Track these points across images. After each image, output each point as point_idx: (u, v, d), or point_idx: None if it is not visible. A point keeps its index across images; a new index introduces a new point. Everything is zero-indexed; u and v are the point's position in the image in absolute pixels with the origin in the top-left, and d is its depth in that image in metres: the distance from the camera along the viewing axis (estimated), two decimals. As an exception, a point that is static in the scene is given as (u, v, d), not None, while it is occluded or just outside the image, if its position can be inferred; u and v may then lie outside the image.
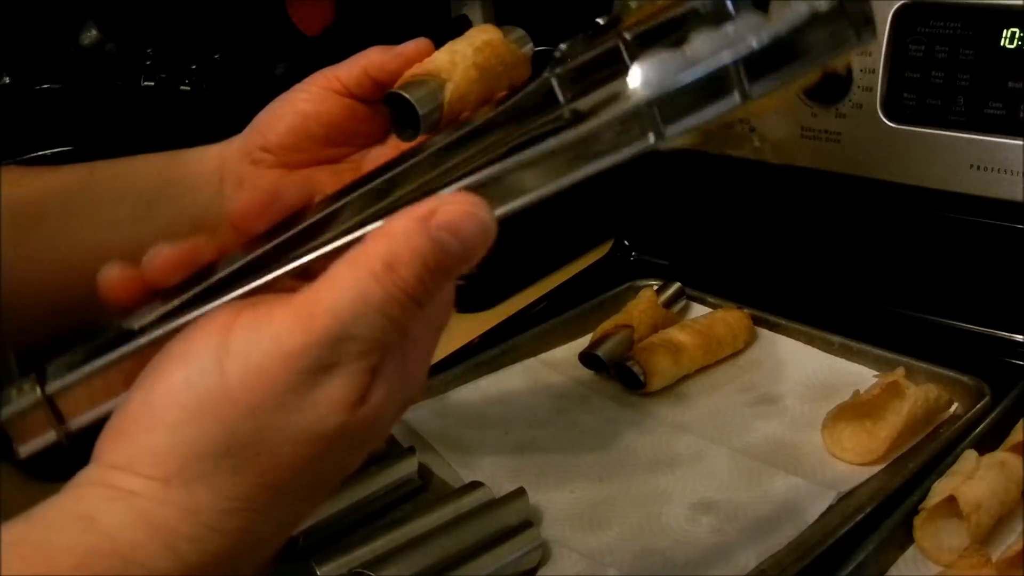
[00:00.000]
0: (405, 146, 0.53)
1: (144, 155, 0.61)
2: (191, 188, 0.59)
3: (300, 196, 0.51)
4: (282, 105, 0.59)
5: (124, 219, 0.58)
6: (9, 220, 0.56)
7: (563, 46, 0.42)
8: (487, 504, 0.62)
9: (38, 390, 0.44)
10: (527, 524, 0.61)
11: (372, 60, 0.57)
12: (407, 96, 0.53)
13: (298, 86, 0.59)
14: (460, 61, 0.55)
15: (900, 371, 0.70)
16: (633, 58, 0.40)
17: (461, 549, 0.58)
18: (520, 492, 0.63)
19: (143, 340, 0.42)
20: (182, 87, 0.88)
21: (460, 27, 1.07)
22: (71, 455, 0.69)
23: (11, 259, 0.56)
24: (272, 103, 0.59)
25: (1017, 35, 0.73)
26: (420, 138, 0.54)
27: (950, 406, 0.71)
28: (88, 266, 0.56)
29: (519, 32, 0.59)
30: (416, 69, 0.55)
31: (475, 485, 0.64)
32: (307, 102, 0.58)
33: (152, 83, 0.88)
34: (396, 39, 0.59)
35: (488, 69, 0.56)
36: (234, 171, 0.59)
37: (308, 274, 0.40)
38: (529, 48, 0.59)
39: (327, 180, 0.58)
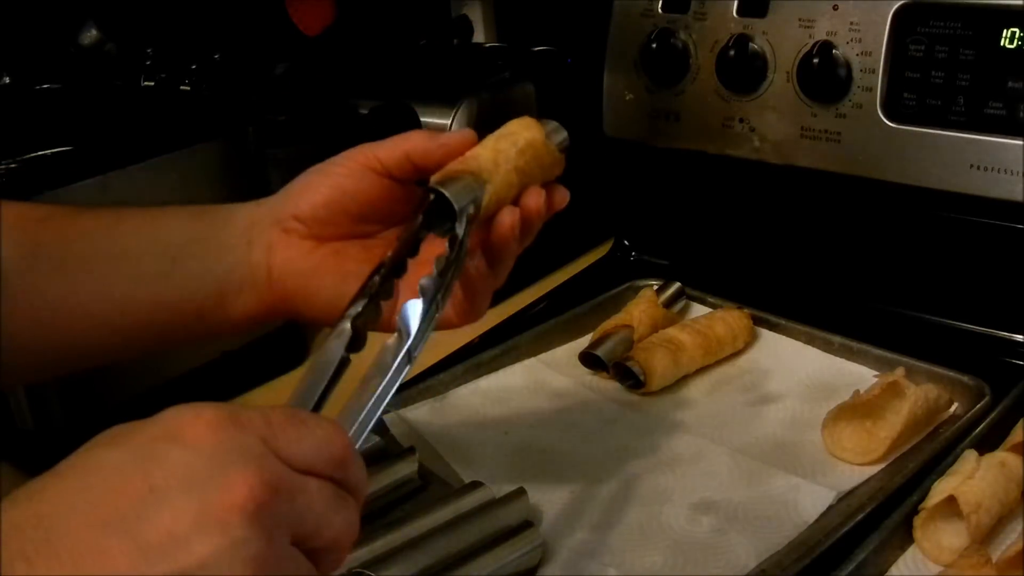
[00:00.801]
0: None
1: (172, 208, 0.61)
2: (218, 248, 0.58)
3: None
4: (318, 177, 0.59)
5: (147, 273, 0.58)
6: (29, 262, 0.56)
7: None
8: (487, 504, 0.62)
9: None
10: (527, 524, 0.61)
11: (415, 145, 0.57)
12: (447, 195, 0.53)
13: (336, 159, 0.59)
14: (503, 163, 0.55)
15: (900, 371, 0.70)
16: None
17: (461, 549, 0.58)
18: (520, 492, 0.63)
19: None
20: (182, 87, 0.88)
21: (460, 27, 1.07)
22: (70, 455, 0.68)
23: (27, 301, 0.56)
24: (308, 172, 0.59)
25: (1017, 35, 0.73)
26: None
27: (950, 406, 0.71)
28: (106, 316, 0.57)
29: (560, 132, 0.59)
30: (458, 164, 0.55)
31: (475, 485, 0.64)
32: (345, 177, 0.58)
33: (152, 83, 0.88)
34: (396, 39, 0.58)
35: (527, 173, 0.57)
36: (264, 236, 0.58)
37: None
38: (565, 145, 0.59)
39: (357, 254, 0.58)
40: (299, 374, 0.48)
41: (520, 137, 0.57)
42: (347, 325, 0.48)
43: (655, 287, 0.86)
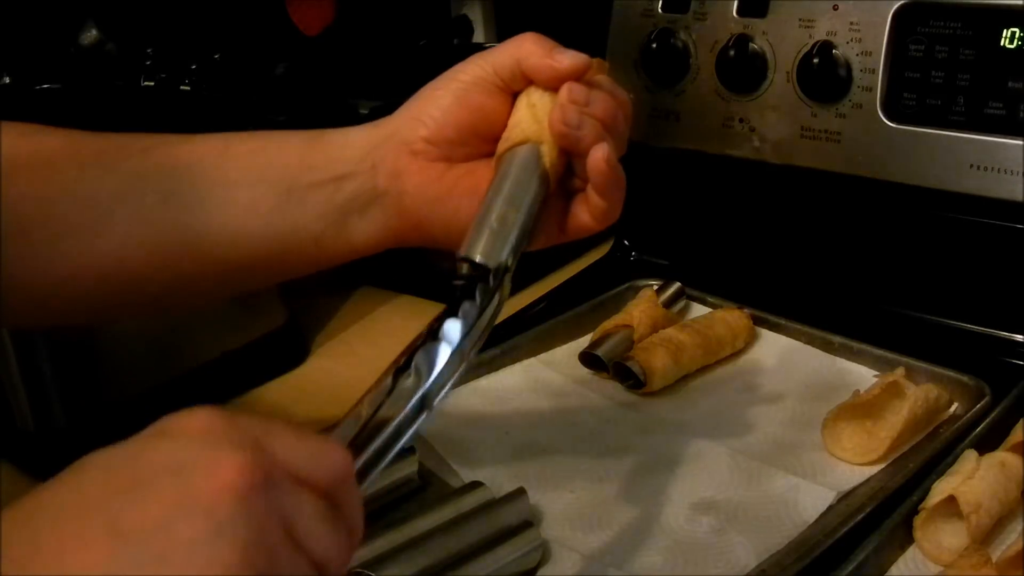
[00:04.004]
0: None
1: (281, 132, 0.58)
2: (337, 176, 0.56)
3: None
4: (442, 94, 0.57)
5: (261, 204, 0.55)
6: (136, 196, 0.54)
7: None
8: (487, 504, 0.62)
9: None
10: (527, 524, 0.61)
11: (529, 58, 0.55)
12: (479, 261, 0.52)
13: (452, 75, 0.57)
14: (544, 117, 0.55)
15: (900, 371, 0.70)
16: None
17: (461, 549, 0.58)
18: (520, 492, 0.63)
19: None
20: (182, 87, 0.88)
21: (460, 27, 1.07)
22: (71, 455, 0.69)
23: (133, 234, 0.53)
24: (428, 90, 0.57)
25: (1017, 35, 0.73)
26: None
27: (950, 406, 0.71)
28: (217, 250, 0.55)
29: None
30: (503, 145, 0.55)
31: (475, 485, 0.64)
32: (468, 93, 0.56)
33: (152, 83, 0.88)
34: (396, 39, 0.59)
35: None
36: (388, 160, 0.56)
37: None
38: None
39: (488, 174, 0.56)
40: (299, 374, 0.48)
41: (540, 90, 0.56)
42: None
43: (655, 287, 0.86)
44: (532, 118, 0.55)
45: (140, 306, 0.62)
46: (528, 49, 0.56)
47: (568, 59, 0.55)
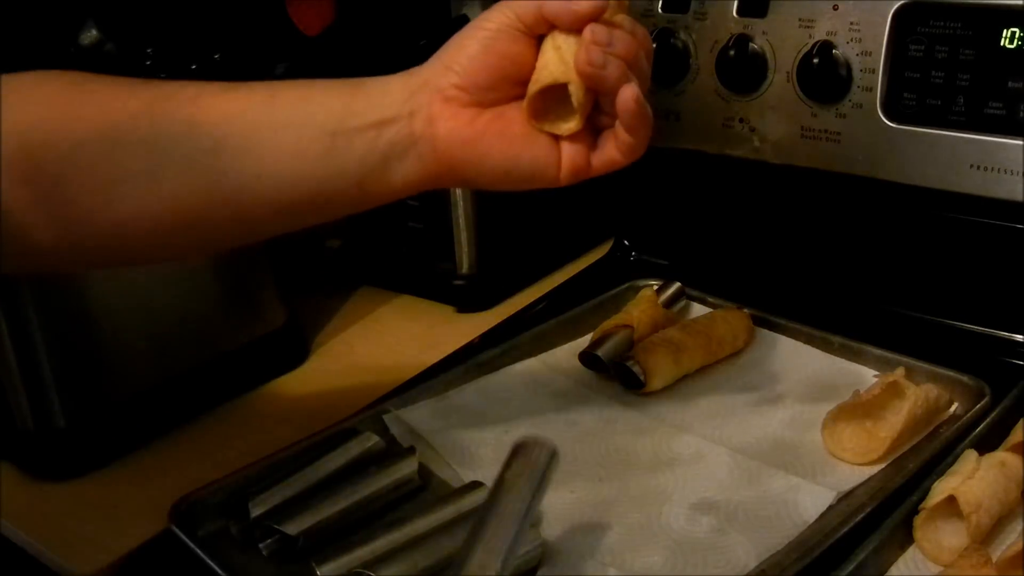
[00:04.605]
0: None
1: (323, 81, 0.61)
2: (378, 122, 0.58)
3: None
4: (470, 42, 0.59)
5: (308, 149, 0.58)
6: (189, 143, 0.56)
7: None
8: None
9: None
10: (527, 524, 0.61)
11: (549, 2, 0.57)
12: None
13: (480, 22, 0.59)
14: (570, 58, 0.57)
15: (900, 371, 0.70)
16: None
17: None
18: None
19: None
20: (182, 87, 0.88)
21: (460, 27, 1.07)
22: (71, 455, 0.69)
23: (185, 180, 0.56)
24: (458, 40, 0.60)
25: (1017, 35, 0.73)
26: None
27: (950, 406, 0.71)
28: (266, 195, 0.58)
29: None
30: (542, 75, 0.58)
31: (475, 485, 0.64)
32: (495, 39, 0.58)
33: (152, 83, 0.88)
34: (396, 39, 0.59)
35: None
36: (425, 106, 0.59)
37: None
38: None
39: (518, 116, 0.59)
40: (299, 374, 0.48)
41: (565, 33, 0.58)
42: None
43: (655, 287, 0.86)
44: (559, 60, 0.57)
45: (193, 248, 0.66)
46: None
47: (587, 1, 0.57)
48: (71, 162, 0.55)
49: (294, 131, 0.58)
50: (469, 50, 0.59)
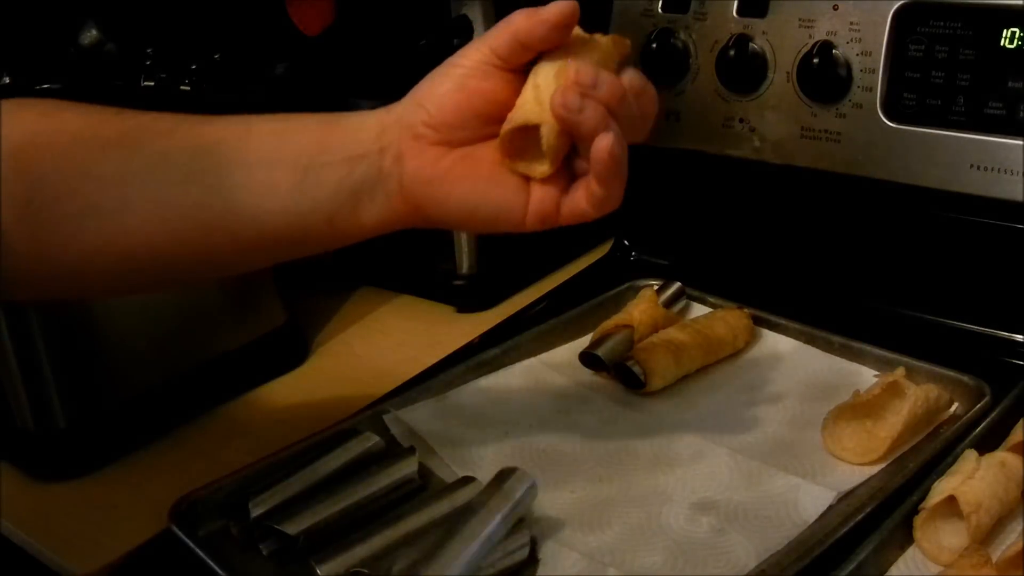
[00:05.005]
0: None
1: (298, 116, 0.60)
2: (350, 157, 0.57)
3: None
4: (443, 80, 0.58)
5: (281, 184, 0.57)
6: (159, 176, 0.56)
7: None
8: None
9: None
10: (518, 520, 0.61)
11: (519, 26, 0.56)
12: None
13: (455, 60, 0.58)
14: (547, 98, 0.55)
15: (900, 371, 0.70)
16: None
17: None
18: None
19: None
20: (182, 87, 0.88)
21: (460, 27, 1.07)
22: (71, 455, 0.69)
23: (154, 212, 0.55)
24: (432, 76, 0.59)
25: (1017, 35, 0.73)
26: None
27: (950, 406, 0.71)
28: (235, 229, 0.57)
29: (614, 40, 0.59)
30: (516, 115, 0.56)
31: (467, 480, 0.64)
32: (469, 77, 0.57)
33: (152, 83, 0.88)
34: (396, 39, 0.59)
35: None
36: (394, 144, 0.58)
37: None
38: (625, 50, 0.59)
39: (488, 156, 0.58)
40: (299, 374, 0.49)
41: (547, 67, 0.56)
42: None
43: (655, 287, 0.86)
44: (535, 99, 0.56)
45: (161, 282, 0.65)
46: (518, 20, 0.56)
47: (555, 9, 0.55)
48: (38, 193, 0.54)
49: (266, 167, 0.57)
50: (441, 87, 0.58)
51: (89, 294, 0.68)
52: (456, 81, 0.57)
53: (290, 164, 0.57)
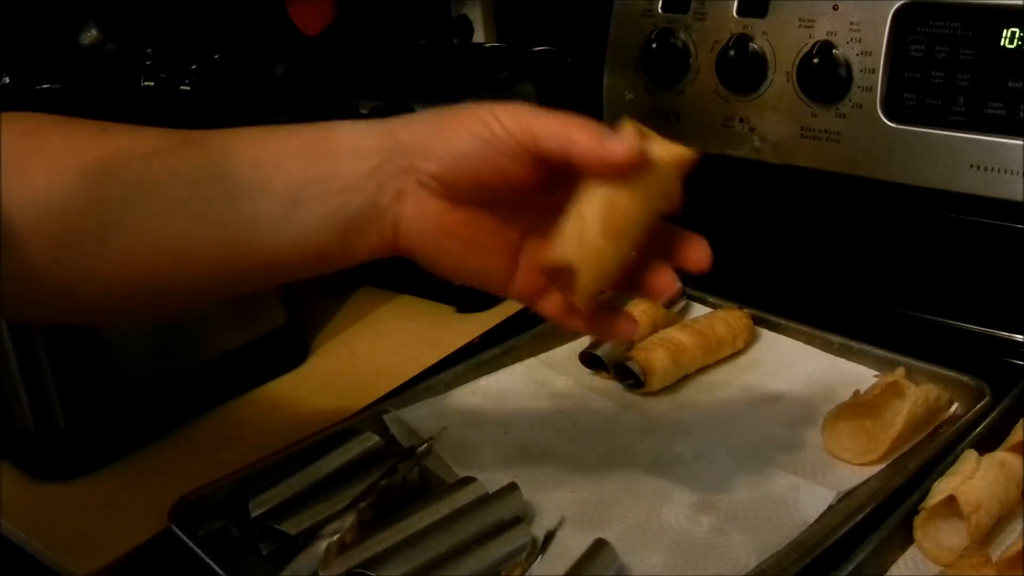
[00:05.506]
0: (564, 200, 0.52)
1: (283, 135, 0.56)
2: (343, 189, 0.54)
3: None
4: (466, 140, 0.53)
5: (267, 215, 0.53)
6: (134, 200, 0.52)
7: None
8: (480, 499, 0.63)
9: None
10: (517, 520, 0.61)
11: (582, 149, 0.51)
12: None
13: (486, 120, 0.53)
14: (588, 240, 0.51)
15: (900, 371, 0.70)
16: None
17: (455, 544, 0.59)
18: (512, 487, 0.63)
19: None
20: (182, 87, 0.88)
21: (460, 27, 1.07)
22: (71, 455, 0.69)
23: (131, 242, 0.52)
24: (452, 125, 0.54)
25: (1017, 35, 0.73)
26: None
27: (950, 406, 0.71)
28: (219, 259, 0.54)
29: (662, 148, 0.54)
30: (555, 252, 0.51)
31: (468, 480, 0.64)
32: (498, 154, 0.52)
33: (152, 83, 0.88)
34: (396, 39, 0.58)
35: (624, 231, 0.52)
36: (395, 182, 0.54)
37: None
38: (685, 160, 0.56)
39: (490, 225, 0.56)
40: (299, 374, 0.48)
41: (596, 195, 0.51)
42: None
43: (655, 287, 0.86)
44: (578, 238, 0.51)
45: (142, 312, 0.63)
46: (583, 140, 0.52)
47: (621, 148, 0.51)
48: (19, 219, 0.51)
49: (249, 196, 0.53)
50: (460, 146, 0.53)
51: (71, 321, 0.66)
52: (479, 149, 0.53)
53: (276, 194, 0.54)
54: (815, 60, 0.80)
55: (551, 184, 0.54)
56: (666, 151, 0.54)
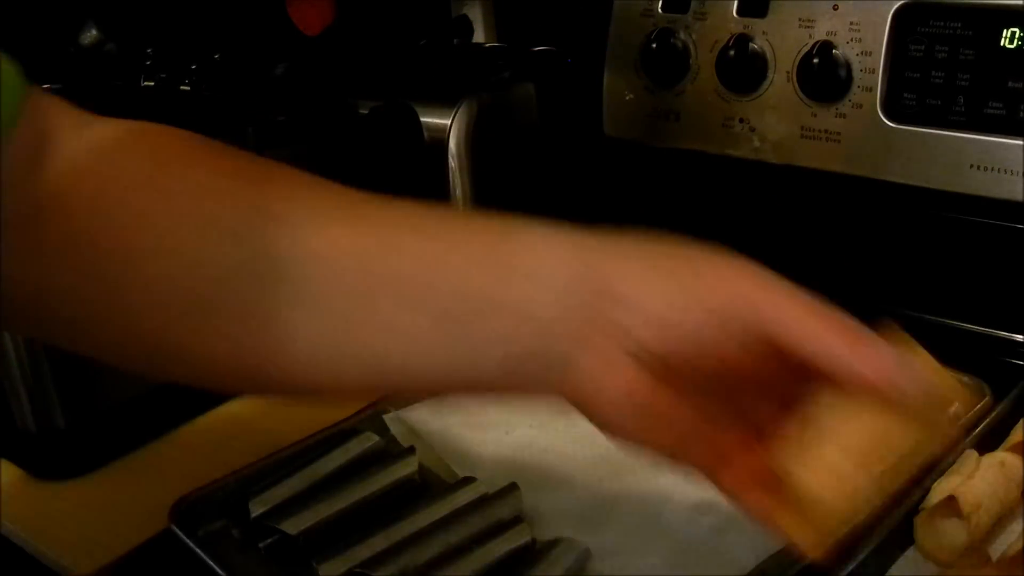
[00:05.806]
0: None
1: (441, 231, 0.46)
2: (520, 321, 0.44)
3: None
4: (695, 318, 0.44)
5: (423, 335, 0.43)
6: (272, 300, 0.43)
7: None
8: (480, 499, 0.63)
9: None
10: (517, 520, 0.61)
11: (822, 344, 0.43)
12: None
13: (715, 287, 0.46)
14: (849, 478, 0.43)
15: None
16: None
17: (455, 544, 0.59)
18: (512, 487, 0.63)
19: None
20: (182, 87, 0.88)
21: (460, 27, 1.07)
22: (71, 455, 0.69)
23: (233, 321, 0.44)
24: (676, 307, 0.44)
25: (1017, 35, 0.73)
26: None
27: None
28: (370, 379, 0.46)
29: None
30: (811, 494, 0.43)
31: (468, 480, 0.64)
32: (713, 330, 0.43)
33: (152, 83, 0.88)
34: (396, 39, 0.58)
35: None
36: (584, 333, 0.44)
37: None
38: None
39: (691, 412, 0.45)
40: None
41: (861, 422, 0.43)
42: None
43: (655, 287, 0.86)
44: (837, 481, 0.42)
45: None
46: (823, 336, 0.44)
47: (883, 360, 0.42)
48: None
49: (404, 309, 0.43)
50: (685, 327, 0.43)
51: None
52: (712, 338, 0.43)
53: (438, 314, 0.43)
54: (815, 60, 0.80)
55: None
56: (940, 378, 0.46)
